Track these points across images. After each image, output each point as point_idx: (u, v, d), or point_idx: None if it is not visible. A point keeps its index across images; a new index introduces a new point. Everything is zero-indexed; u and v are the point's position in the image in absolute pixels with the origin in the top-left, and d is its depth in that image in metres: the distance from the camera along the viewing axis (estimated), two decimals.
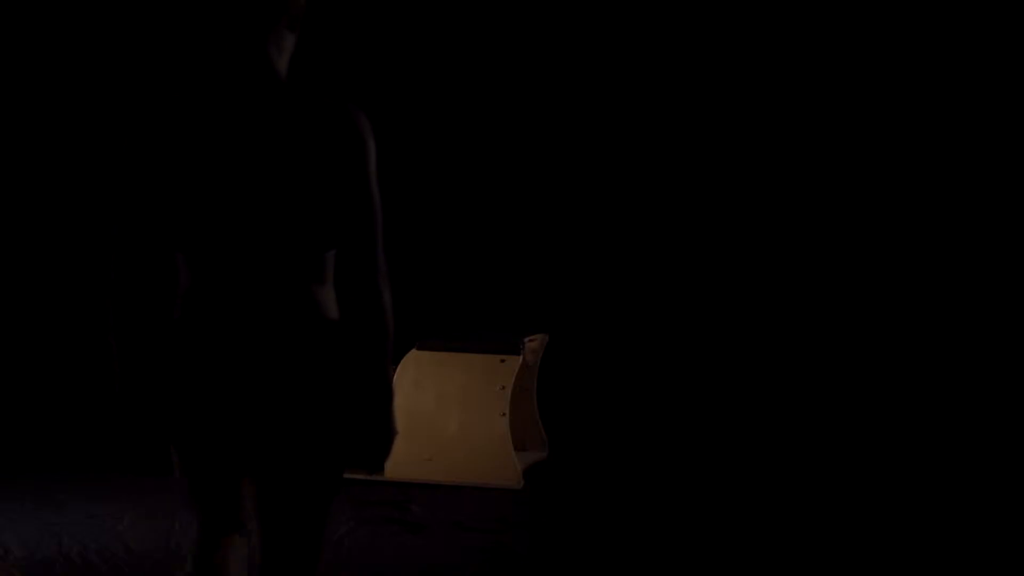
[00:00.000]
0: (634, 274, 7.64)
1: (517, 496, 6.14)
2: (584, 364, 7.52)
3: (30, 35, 7.55)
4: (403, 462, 6.28)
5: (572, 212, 7.68)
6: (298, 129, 2.79)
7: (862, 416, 7.22)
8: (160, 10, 7.24)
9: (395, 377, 5.52)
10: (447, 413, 6.31)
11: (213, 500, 3.00)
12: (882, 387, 7.33)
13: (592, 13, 7.59)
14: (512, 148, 7.69)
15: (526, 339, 6.53)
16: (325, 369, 2.85)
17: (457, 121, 7.63)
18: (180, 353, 2.85)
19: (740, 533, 5.56)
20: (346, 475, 3.04)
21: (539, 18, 7.61)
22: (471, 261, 7.62)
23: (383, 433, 2.92)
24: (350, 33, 7.38)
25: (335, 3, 6.85)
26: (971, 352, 7.30)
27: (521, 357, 6.37)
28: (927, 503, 5.99)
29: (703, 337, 7.56)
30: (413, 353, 6.30)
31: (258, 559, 3.01)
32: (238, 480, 2.98)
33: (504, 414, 6.26)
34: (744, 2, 7.49)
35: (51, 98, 7.60)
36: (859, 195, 7.47)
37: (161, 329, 2.88)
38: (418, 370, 6.27)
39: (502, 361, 6.32)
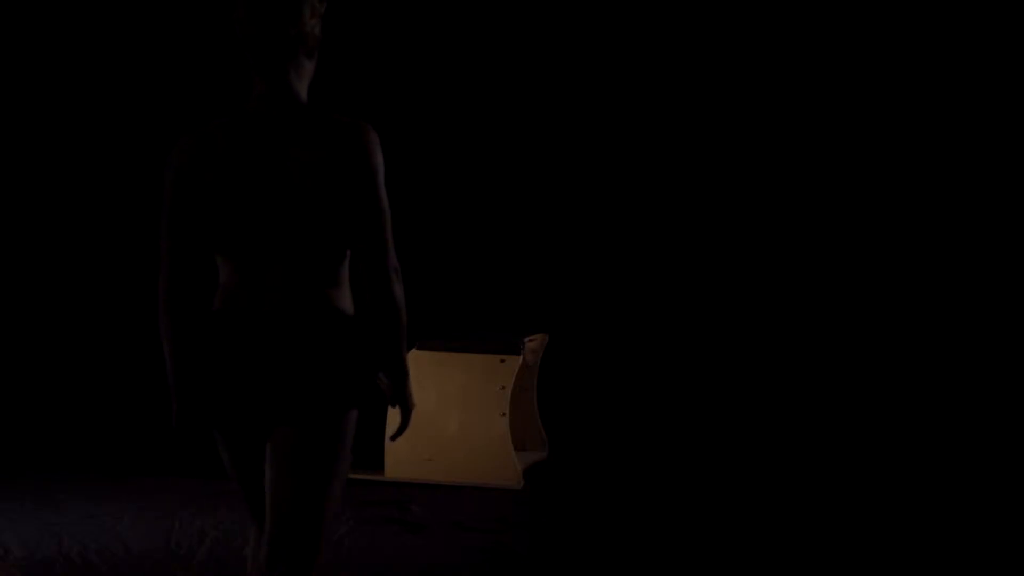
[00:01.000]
0: (634, 274, 7.64)
1: (517, 496, 6.14)
2: (584, 364, 7.52)
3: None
4: (403, 462, 6.29)
5: (572, 212, 7.69)
6: (316, 145, 3.22)
7: (862, 416, 7.22)
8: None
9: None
10: (447, 413, 6.32)
11: (254, 494, 3.39)
12: (882, 387, 7.33)
13: (590, 14, 7.60)
14: (511, 150, 7.69)
15: (526, 339, 6.53)
16: (336, 353, 3.25)
17: (456, 123, 7.64)
18: (218, 339, 3.26)
19: (740, 533, 5.56)
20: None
21: (535, 21, 7.61)
22: (471, 261, 7.63)
23: (402, 406, 3.41)
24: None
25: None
26: (971, 352, 7.31)
27: (521, 357, 6.37)
28: (927, 503, 5.99)
29: (703, 337, 7.56)
30: (413, 353, 6.30)
31: (266, 545, 3.30)
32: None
33: (504, 414, 6.26)
34: (744, 2, 7.50)
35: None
36: (859, 195, 7.47)
37: (202, 318, 3.30)
38: (418, 370, 6.25)
39: (502, 361, 6.33)
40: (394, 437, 3.53)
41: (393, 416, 6.27)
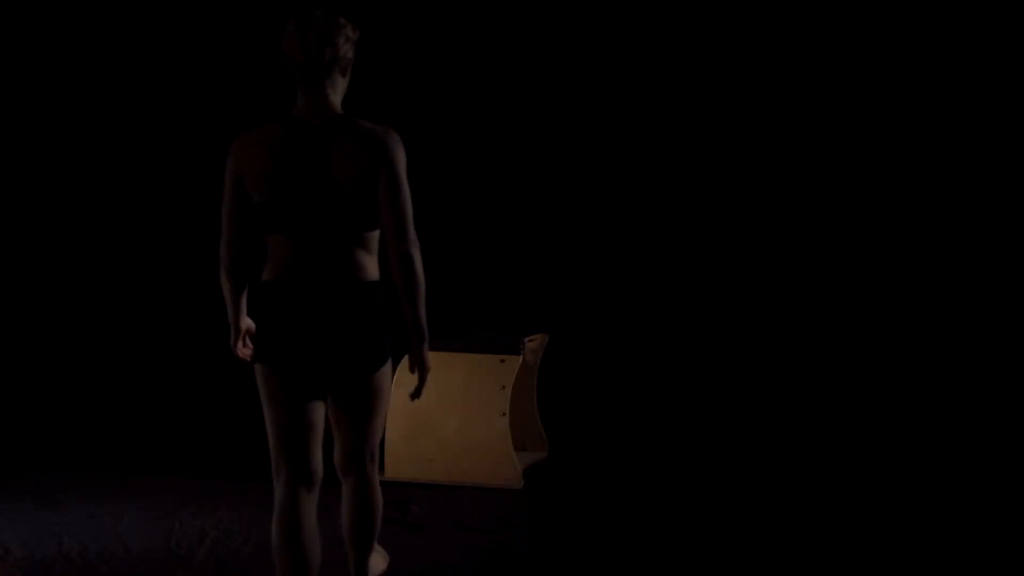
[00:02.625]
0: (634, 274, 7.64)
1: (517, 496, 6.14)
2: (584, 364, 7.53)
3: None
4: (403, 462, 6.29)
5: (572, 212, 7.69)
6: (351, 144, 4.00)
7: (862, 416, 7.23)
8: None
9: (396, 376, 5.54)
10: (447, 413, 6.31)
11: (292, 434, 4.10)
12: (882, 387, 7.34)
13: (590, 14, 7.60)
14: (512, 149, 7.69)
15: (526, 339, 6.53)
16: (366, 314, 4.06)
17: (456, 124, 7.64)
18: (270, 304, 4.07)
19: (740, 533, 5.56)
20: None
21: (532, 23, 7.61)
22: (471, 261, 7.63)
23: (420, 367, 4.16)
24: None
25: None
26: (971, 352, 7.31)
27: (521, 357, 6.37)
28: (927, 503, 5.99)
29: (703, 337, 7.57)
30: None
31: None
32: (311, 411, 4.12)
33: (504, 414, 6.26)
34: (744, 2, 7.50)
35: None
36: (859, 195, 7.48)
37: (262, 286, 4.09)
38: None
39: (502, 361, 6.32)
40: (413, 395, 4.20)
41: (395, 418, 6.30)
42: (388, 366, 4.18)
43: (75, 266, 7.78)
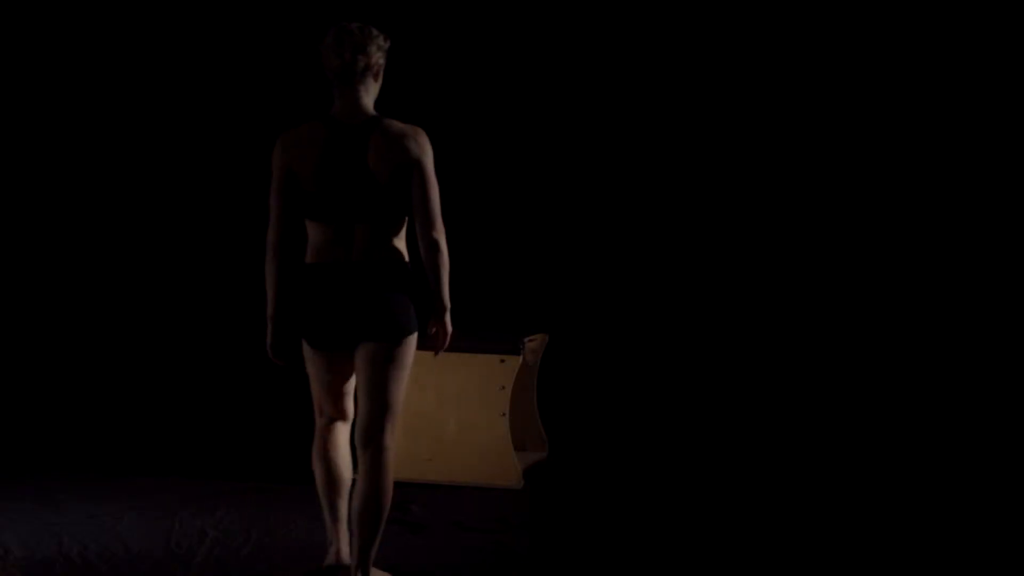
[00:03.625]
0: (634, 274, 7.64)
1: (517, 496, 6.14)
2: (584, 364, 7.52)
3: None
4: (403, 462, 6.29)
5: (572, 212, 7.69)
6: (383, 142, 4.50)
7: (862, 416, 7.23)
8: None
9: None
10: (447, 413, 6.31)
11: (331, 393, 4.69)
12: (882, 387, 7.33)
13: (590, 14, 7.60)
14: (512, 149, 7.69)
15: (526, 339, 6.53)
16: (395, 286, 4.54)
17: (456, 123, 7.64)
18: (312, 284, 4.57)
19: (740, 533, 5.56)
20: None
21: (533, 22, 7.61)
22: (471, 261, 7.62)
23: (440, 332, 4.68)
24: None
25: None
26: (971, 352, 7.31)
27: (521, 357, 6.37)
28: (927, 503, 5.99)
29: (703, 337, 7.57)
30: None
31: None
32: (346, 377, 4.70)
33: (504, 414, 6.26)
34: (744, 2, 7.50)
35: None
36: (859, 195, 7.47)
37: (302, 268, 4.57)
38: (418, 370, 6.26)
39: (502, 361, 6.32)
40: (436, 352, 4.71)
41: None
42: (414, 337, 4.60)
43: (75, 266, 7.78)
